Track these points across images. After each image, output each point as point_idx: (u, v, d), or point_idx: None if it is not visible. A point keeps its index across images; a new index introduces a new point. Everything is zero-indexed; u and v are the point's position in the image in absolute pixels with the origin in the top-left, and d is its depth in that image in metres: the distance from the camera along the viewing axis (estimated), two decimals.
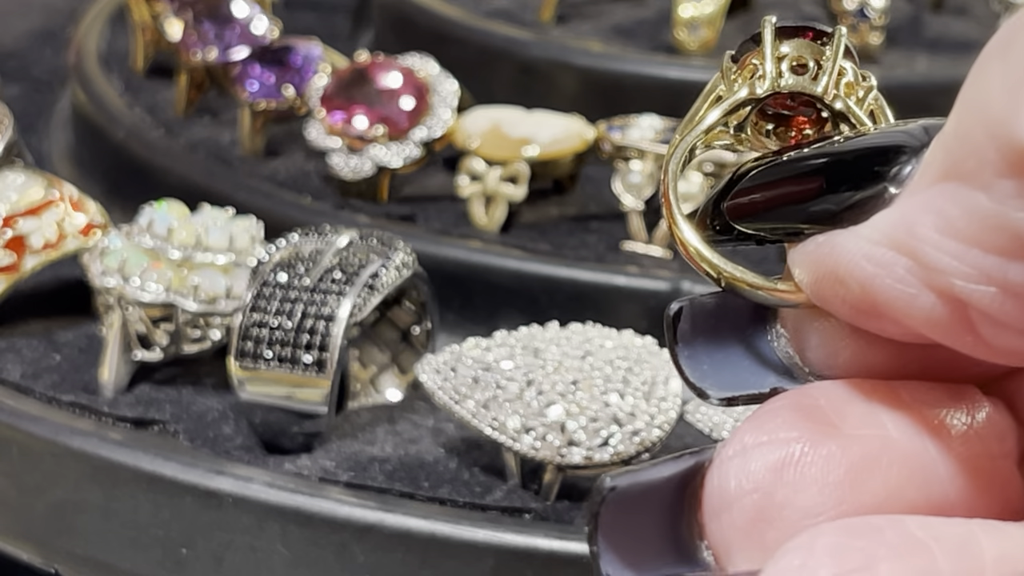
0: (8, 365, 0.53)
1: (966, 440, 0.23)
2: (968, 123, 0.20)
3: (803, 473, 0.22)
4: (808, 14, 0.75)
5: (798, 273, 0.23)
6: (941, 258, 0.21)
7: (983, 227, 0.20)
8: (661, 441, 0.45)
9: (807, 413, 0.22)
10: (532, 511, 0.46)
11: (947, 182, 0.21)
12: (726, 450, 0.22)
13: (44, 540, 0.50)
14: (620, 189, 0.58)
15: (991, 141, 0.20)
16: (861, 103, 0.25)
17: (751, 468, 0.22)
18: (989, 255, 0.20)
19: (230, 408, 0.50)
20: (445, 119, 0.60)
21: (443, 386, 0.47)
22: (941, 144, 0.21)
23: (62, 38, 0.80)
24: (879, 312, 0.22)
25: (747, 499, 0.22)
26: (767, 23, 0.26)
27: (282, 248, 0.50)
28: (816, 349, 0.24)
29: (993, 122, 0.20)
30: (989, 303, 0.21)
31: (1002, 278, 0.20)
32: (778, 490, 0.22)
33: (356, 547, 0.45)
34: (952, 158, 0.21)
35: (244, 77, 0.64)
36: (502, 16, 0.73)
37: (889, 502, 0.22)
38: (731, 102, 0.25)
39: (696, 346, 0.25)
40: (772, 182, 0.23)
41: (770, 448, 0.22)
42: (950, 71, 0.68)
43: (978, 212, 0.20)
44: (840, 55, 0.25)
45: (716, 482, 0.22)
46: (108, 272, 0.51)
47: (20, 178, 0.56)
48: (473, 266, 0.57)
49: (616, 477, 0.23)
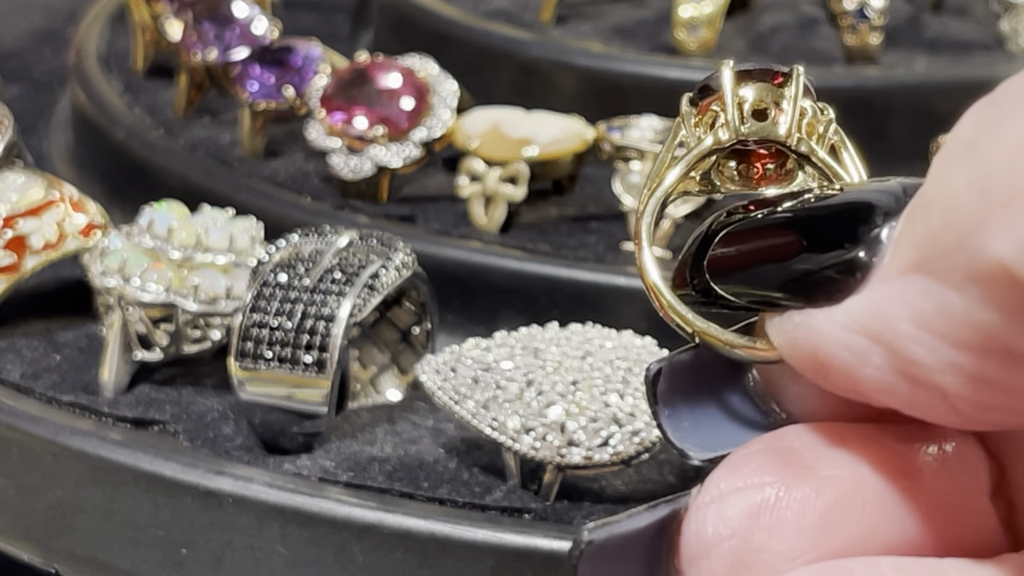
0: (8, 365, 0.53)
1: (939, 477, 0.23)
2: (937, 224, 0.20)
3: (779, 518, 0.22)
4: (808, 14, 0.75)
5: (776, 342, 0.23)
6: (916, 350, 0.21)
7: (956, 325, 0.20)
8: (661, 441, 0.45)
9: (781, 456, 0.23)
10: (532, 511, 0.46)
11: (919, 275, 0.21)
12: (702, 496, 0.23)
13: (44, 540, 0.50)
14: (620, 189, 0.58)
15: (960, 249, 0.20)
16: (822, 139, 0.25)
17: (728, 514, 0.22)
18: (962, 351, 0.20)
19: (230, 408, 0.50)
20: (445, 119, 0.60)
21: (443, 386, 0.47)
22: (912, 229, 0.21)
23: (62, 38, 0.80)
24: (859, 392, 0.22)
25: (725, 545, 0.22)
26: (725, 67, 0.25)
27: (282, 248, 0.50)
28: (794, 400, 0.24)
29: (962, 230, 0.20)
30: (968, 393, 0.21)
31: (977, 372, 0.20)
32: (755, 535, 0.22)
33: (356, 547, 0.45)
34: (922, 252, 0.21)
35: (244, 77, 0.64)
36: (502, 16, 0.73)
37: (864, 542, 0.22)
38: (696, 154, 0.25)
39: (676, 406, 0.25)
40: (749, 238, 0.23)
41: (746, 494, 0.22)
42: (950, 71, 0.68)
43: (950, 311, 0.20)
44: (799, 96, 0.25)
45: (693, 528, 0.23)
46: (108, 272, 0.51)
47: (20, 178, 0.56)
48: (473, 266, 0.57)
49: (593, 531, 0.24)
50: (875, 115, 0.64)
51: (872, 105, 0.64)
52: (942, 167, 0.21)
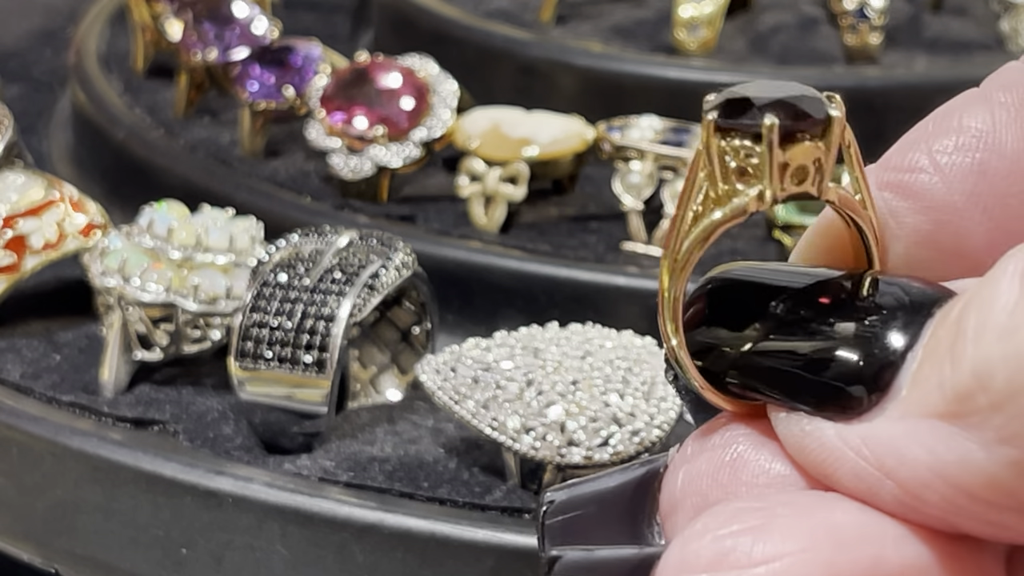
0: (8, 365, 0.53)
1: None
2: (968, 383, 0.20)
3: (736, 477, 0.23)
4: (808, 14, 0.75)
5: (783, 440, 0.23)
6: (931, 496, 0.21)
7: (977, 480, 0.20)
8: (661, 441, 0.45)
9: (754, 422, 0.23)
10: (532, 511, 0.46)
11: (945, 422, 0.21)
12: (679, 455, 0.24)
13: (44, 540, 0.50)
14: (620, 189, 0.58)
15: (995, 413, 0.20)
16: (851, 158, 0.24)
17: (693, 472, 0.23)
18: (980, 504, 0.20)
19: (230, 408, 0.50)
20: (445, 119, 0.60)
21: (443, 386, 0.47)
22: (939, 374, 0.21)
23: (62, 38, 0.80)
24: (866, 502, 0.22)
25: (688, 501, 0.23)
26: (770, 131, 0.22)
27: (282, 248, 0.50)
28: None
29: (996, 399, 0.20)
30: (980, 531, 0.21)
31: (996, 520, 0.20)
32: (712, 492, 0.23)
33: (356, 547, 0.45)
34: (950, 405, 0.20)
35: (244, 77, 0.64)
36: (502, 16, 0.73)
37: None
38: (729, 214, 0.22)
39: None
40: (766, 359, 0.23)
41: (712, 453, 0.23)
42: (949, 71, 0.68)
43: (974, 466, 0.20)
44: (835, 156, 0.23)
45: (667, 486, 0.24)
46: (108, 272, 0.51)
47: (20, 178, 0.56)
48: (473, 266, 0.57)
49: (556, 491, 0.24)
50: (875, 115, 0.64)
51: (872, 105, 0.64)
52: (977, 327, 0.20)
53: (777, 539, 0.21)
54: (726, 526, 0.21)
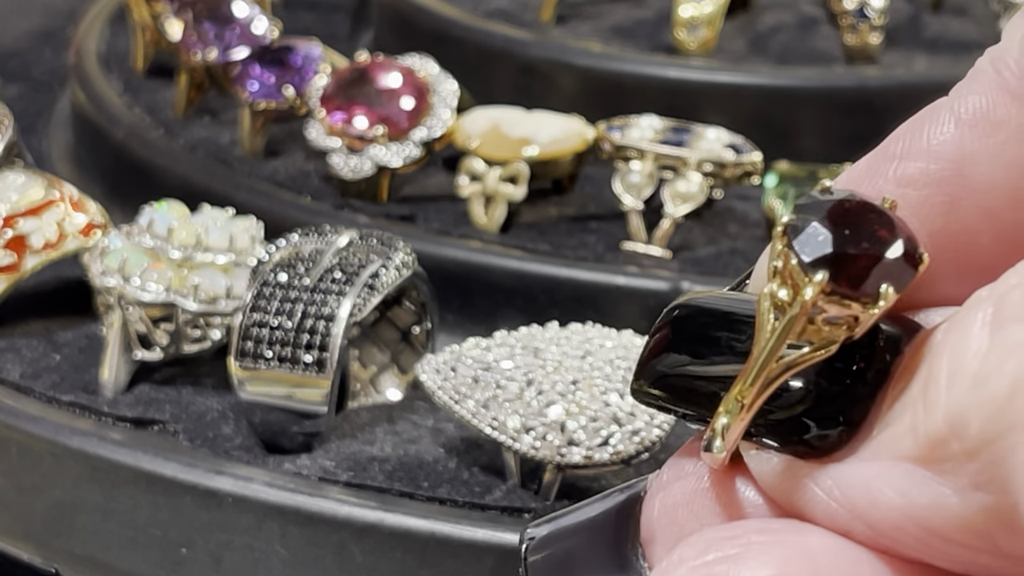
0: (8, 365, 0.53)
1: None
2: (941, 429, 0.20)
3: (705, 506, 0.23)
4: (808, 14, 0.75)
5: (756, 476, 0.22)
6: (905, 539, 0.21)
7: (950, 524, 0.20)
8: (661, 441, 0.45)
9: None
10: (532, 511, 0.46)
11: (918, 467, 0.20)
12: (657, 482, 0.24)
13: (44, 540, 0.50)
14: (620, 189, 0.58)
15: (970, 461, 0.20)
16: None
17: (668, 501, 0.23)
18: (953, 546, 0.20)
19: (230, 408, 0.50)
20: (445, 119, 0.60)
21: (443, 386, 0.47)
22: (912, 418, 0.21)
23: (62, 38, 0.80)
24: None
25: (667, 531, 0.23)
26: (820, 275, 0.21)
27: (282, 248, 0.50)
28: None
29: (971, 448, 0.20)
30: (956, 570, 0.21)
31: (970, 560, 0.20)
32: (688, 523, 0.23)
33: (355, 547, 0.45)
34: (922, 451, 0.20)
35: (244, 77, 0.64)
36: (502, 16, 0.73)
37: None
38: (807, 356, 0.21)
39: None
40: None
41: (685, 482, 0.23)
42: (949, 71, 0.67)
43: (947, 510, 0.20)
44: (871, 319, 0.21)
45: (646, 512, 0.24)
46: (108, 272, 0.51)
47: (20, 178, 0.56)
48: (473, 266, 0.57)
49: (537, 526, 0.24)
50: (875, 115, 0.64)
51: (872, 105, 0.64)
52: (950, 373, 0.20)
53: (752, 566, 0.21)
54: (701, 556, 0.21)
